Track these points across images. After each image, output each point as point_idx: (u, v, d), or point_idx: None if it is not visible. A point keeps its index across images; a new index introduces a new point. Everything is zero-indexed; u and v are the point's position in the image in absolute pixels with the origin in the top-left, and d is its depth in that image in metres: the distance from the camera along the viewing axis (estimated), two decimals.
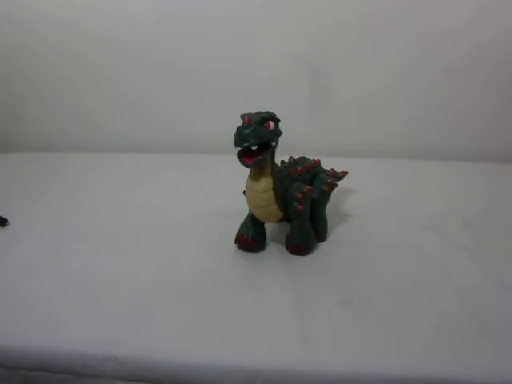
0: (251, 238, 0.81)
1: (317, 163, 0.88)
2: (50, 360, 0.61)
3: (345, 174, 0.97)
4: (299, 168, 0.82)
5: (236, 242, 0.83)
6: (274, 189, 0.74)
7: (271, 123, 0.71)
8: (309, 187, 0.80)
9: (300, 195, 0.77)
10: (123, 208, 0.98)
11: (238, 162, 0.69)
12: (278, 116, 0.73)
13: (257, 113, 0.71)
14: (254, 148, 0.69)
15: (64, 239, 0.87)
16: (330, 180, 0.86)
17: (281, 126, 0.74)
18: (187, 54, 1.21)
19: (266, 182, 0.73)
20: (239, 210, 0.83)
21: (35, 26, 1.22)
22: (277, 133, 0.73)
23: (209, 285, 0.74)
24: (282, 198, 0.77)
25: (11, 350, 0.62)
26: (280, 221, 0.81)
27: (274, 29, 1.17)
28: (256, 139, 0.67)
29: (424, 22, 1.13)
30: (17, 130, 1.36)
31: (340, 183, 0.92)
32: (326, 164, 0.92)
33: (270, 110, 0.73)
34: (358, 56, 1.18)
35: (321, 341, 0.62)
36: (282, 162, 0.84)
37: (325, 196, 0.85)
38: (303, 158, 0.87)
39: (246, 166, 0.70)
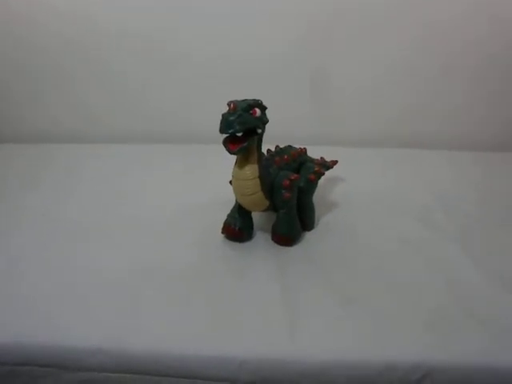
0: (238, 228, 0.81)
1: (303, 152, 0.88)
2: (37, 354, 0.61)
3: (334, 163, 0.96)
4: (286, 156, 0.82)
5: (223, 231, 0.83)
6: (260, 177, 0.74)
7: (257, 110, 0.70)
8: (296, 175, 0.80)
9: (288, 182, 0.77)
10: (112, 199, 0.97)
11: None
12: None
13: (243, 100, 0.71)
14: (239, 135, 0.69)
15: (54, 231, 0.86)
16: (316, 169, 0.86)
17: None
18: (184, 41, 1.19)
19: (251, 170, 0.73)
20: (228, 200, 0.82)
21: (32, 14, 1.19)
22: (263, 120, 0.72)
23: (196, 275, 0.74)
24: (269, 186, 0.77)
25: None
26: (266, 210, 0.81)
27: (272, 15, 1.16)
28: (241, 126, 0.67)
29: (423, 12, 1.13)
30: (8, 121, 1.33)
31: (328, 172, 0.92)
32: (316, 152, 0.92)
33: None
34: (356, 44, 1.16)
35: (308, 330, 0.63)
36: (268, 150, 0.84)
37: (312, 185, 0.85)
38: (289, 146, 0.87)
39: (231, 153, 0.69)
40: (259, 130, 0.72)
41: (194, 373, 0.59)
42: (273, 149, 0.85)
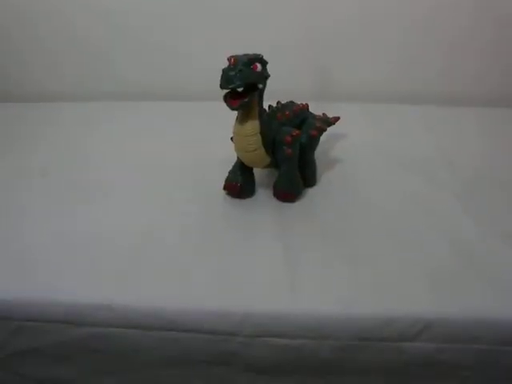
0: (240, 185, 0.81)
1: (305, 107, 0.87)
2: (43, 310, 0.62)
3: (336, 119, 0.95)
4: (287, 112, 0.81)
5: (225, 188, 0.82)
6: (262, 132, 0.73)
7: (258, 65, 0.69)
8: (298, 131, 0.79)
9: (289, 138, 0.76)
10: (110, 159, 0.96)
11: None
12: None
13: (244, 54, 0.69)
14: (240, 90, 0.68)
15: (55, 190, 0.86)
16: (318, 125, 0.85)
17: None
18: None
19: (252, 126, 0.72)
20: (229, 157, 0.81)
21: None
22: (264, 75, 0.71)
23: (198, 232, 0.74)
24: (270, 142, 0.76)
25: (4, 301, 0.63)
26: (268, 167, 0.81)
27: None
28: (241, 81, 0.65)
29: None
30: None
31: (330, 128, 0.90)
32: (319, 109, 0.91)
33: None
34: None
35: (309, 284, 0.63)
36: (270, 106, 0.83)
37: (313, 141, 0.84)
38: (291, 102, 0.86)
39: (232, 109, 0.68)
40: (260, 85, 0.70)
41: (197, 327, 0.60)
42: (274, 105, 0.84)
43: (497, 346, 0.58)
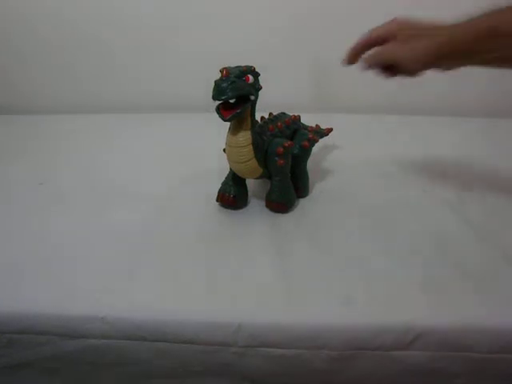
0: (233, 196, 0.81)
1: (296, 118, 0.88)
2: (35, 322, 0.61)
3: (329, 130, 0.96)
4: (279, 123, 0.81)
5: (218, 199, 0.83)
6: (254, 144, 0.74)
7: (250, 77, 0.70)
8: (290, 142, 0.79)
9: (281, 150, 0.77)
10: (103, 169, 0.97)
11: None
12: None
13: (236, 66, 0.70)
14: (232, 101, 0.69)
15: (45, 200, 0.86)
16: (310, 136, 0.86)
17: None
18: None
19: (245, 137, 0.73)
20: (222, 168, 0.82)
21: None
22: (256, 87, 0.72)
23: (192, 242, 0.74)
24: (263, 153, 0.77)
25: None
26: (261, 177, 0.81)
27: None
28: (234, 92, 0.66)
29: None
30: None
31: (324, 139, 0.91)
32: (311, 120, 0.91)
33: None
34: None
35: (303, 294, 0.63)
36: (262, 118, 0.84)
37: (306, 151, 0.85)
38: (283, 113, 0.87)
39: (224, 120, 0.69)
40: (252, 97, 0.71)
41: (191, 338, 0.60)
42: (267, 116, 0.85)
43: (489, 354, 0.59)
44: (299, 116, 0.89)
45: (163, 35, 1.20)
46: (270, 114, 0.86)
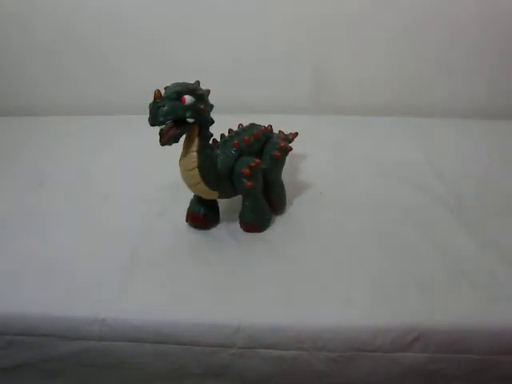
0: (203, 215, 0.75)
1: (267, 129, 0.79)
2: (35, 324, 0.62)
3: (294, 135, 0.88)
4: (246, 138, 0.73)
5: (187, 220, 0.77)
6: (200, 167, 0.67)
7: (187, 97, 0.62)
8: (257, 161, 0.71)
9: (247, 171, 0.70)
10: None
11: None
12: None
13: (175, 84, 0.64)
14: (169, 124, 0.63)
15: (42, 203, 0.86)
16: (282, 144, 0.77)
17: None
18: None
19: (190, 160, 0.67)
20: None
21: None
22: (197, 107, 0.64)
23: (193, 244, 0.74)
24: (215, 176, 0.69)
25: None
26: (230, 196, 0.75)
27: None
28: (165, 117, 0.61)
29: None
30: None
31: (297, 147, 0.84)
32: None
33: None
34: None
35: (302, 297, 0.64)
36: (230, 131, 0.76)
37: (278, 163, 0.77)
38: (252, 124, 0.78)
39: (161, 145, 0.63)
40: (190, 120, 0.63)
41: (190, 339, 0.60)
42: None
43: (489, 355, 0.59)
44: (271, 126, 0.80)
45: (161, 38, 1.20)
46: (240, 125, 0.78)
